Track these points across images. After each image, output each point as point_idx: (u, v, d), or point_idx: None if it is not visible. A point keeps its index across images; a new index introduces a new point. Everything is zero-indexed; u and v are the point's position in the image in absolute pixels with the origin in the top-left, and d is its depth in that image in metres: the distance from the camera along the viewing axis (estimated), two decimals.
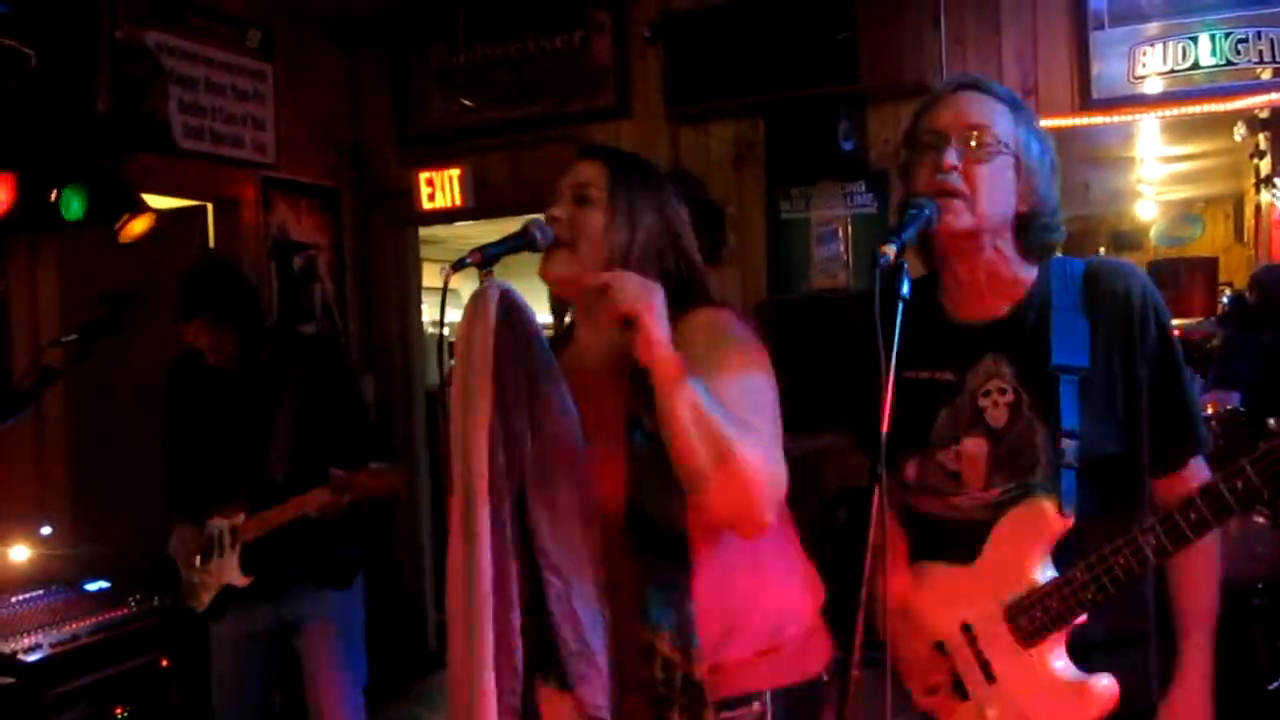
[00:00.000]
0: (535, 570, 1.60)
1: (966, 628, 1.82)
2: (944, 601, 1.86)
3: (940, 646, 1.87)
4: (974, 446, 1.79)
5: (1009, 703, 1.78)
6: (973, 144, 1.73)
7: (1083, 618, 1.70)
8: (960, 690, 1.85)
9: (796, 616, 1.83)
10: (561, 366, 1.78)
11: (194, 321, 3.22)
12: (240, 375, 3.30)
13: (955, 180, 1.72)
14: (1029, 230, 1.79)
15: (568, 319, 1.96)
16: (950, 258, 1.82)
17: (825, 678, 1.83)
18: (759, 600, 1.78)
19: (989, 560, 1.79)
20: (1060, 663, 1.73)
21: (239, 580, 3.20)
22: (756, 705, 1.73)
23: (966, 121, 1.75)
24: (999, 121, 1.76)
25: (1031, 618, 1.73)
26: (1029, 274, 1.82)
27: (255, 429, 3.22)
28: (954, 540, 1.83)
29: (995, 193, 1.74)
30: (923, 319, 1.78)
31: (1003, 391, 1.78)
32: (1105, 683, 1.70)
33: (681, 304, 1.73)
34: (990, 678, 1.80)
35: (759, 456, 1.56)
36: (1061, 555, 1.74)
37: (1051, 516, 1.70)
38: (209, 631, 3.34)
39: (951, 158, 1.72)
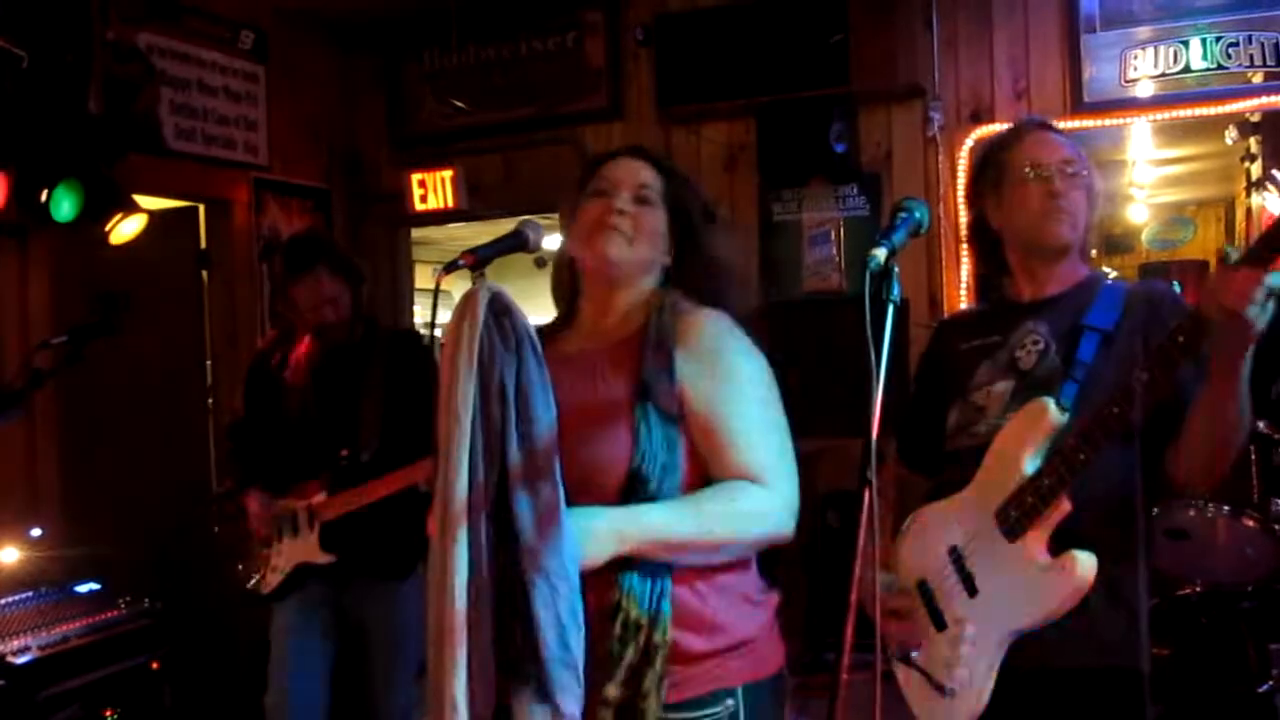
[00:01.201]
0: (519, 573, 1.56)
1: (953, 550, 1.98)
2: (931, 537, 2.03)
3: (922, 585, 2.03)
4: (1002, 385, 2.04)
5: (989, 611, 1.90)
6: (1069, 173, 2.04)
7: (1067, 506, 1.81)
8: (938, 620, 1.98)
9: (757, 614, 1.83)
10: (562, 347, 1.86)
11: (314, 269, 3.21)
12: (325, 361, 3.29)
13: (1064, 203, 2.02)
14: (1087, 238, 2.11)
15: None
16: (1033, 257, 2.09)
17: (786, 673, 1.85)
18: (728, 597, 1.79)
19: (984, 470, 1.96)
20: (1040, 549, 1.84)
21: (321, 558, 3.18)
22: (730, 701, 1.74)
23: (1062, 156, 2.05)
24: (1078, 156, 2.08)
25: (1020, 503, 1.86)
26: (1082, 271, 2.11)
27: (340, 412, 3.21)
28: (971, 466, 1.99)
29: (1085, 212, 2.06)
30: (994, 304, 2.21)
31: (1035, 343, 2.03)
32: (1084, 556, 1.79)
33: (680, 297, 1.87)
34: (972, 592, 1.93)
35: (766, 508, 1.74)
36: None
37: (1050, 410, 1.87)
38: (271, 615, 3.32)
39: (1062, 184, 2.02)
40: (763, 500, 1.73)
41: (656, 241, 1.88)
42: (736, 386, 1.78)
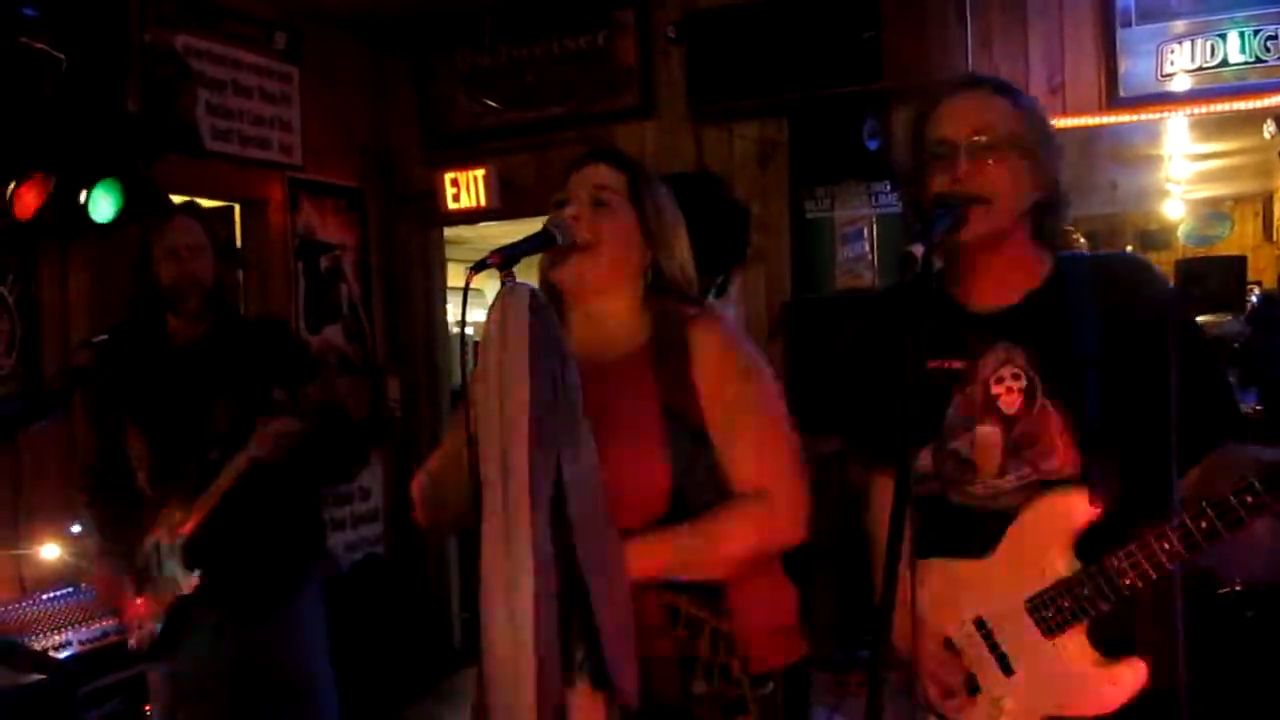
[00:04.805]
0: (574, 565, 1.61)
1: (980, 623, 1.83)
2: (950, 598, 1.86)
3: (949, 644, 1.87)
4: (987, 434, 1.80)
5: (1028, 692, 1.79)
6: (982, 146, 1.73)
7: (1106, 608, 1.70)
8: (972, 685, 1.85)
9: (793, 602, 1.94)
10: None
11: (180, 212, 3.00)
12: (175, 359, 2.96)
13: (973, 186, 1.73)
14: (1044, 216, 1.81)
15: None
16: (973, 250, 1.81)
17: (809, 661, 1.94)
18: (770, 580, 1.90)
19: (1007, 553, 1.80)
20: (1084, 649, 1.74)
21: (188, 585, 2.78)
22: (771, 685, 1.82)
23: (972, 126, 1.75)
24: (1002, 117, 1.76)
25: (1059, 608, 1.73)
26: (1045, 262, 1.84)
27: (189, 418, 2.88)
28: (969, 529, 1.83)
29: (1014, 190, 1.75)
30: (944, 308, 1.83)
31: (1016, 378, 1.79)
32: (1133, 665, 1.71)
33: (678, 302, 1.90)
34: (1008, 670, 1.80)
35: (767, 523, 1.81)
36: (1079, 545, 1.75)
37: (1082, 507, 1.71)
38: (147, 683, 2.97)
39: (964, 166, 1.73)
40: (763, 516, 1.81)
41: (622, 241, 1.88)
42: (746, 399, 1.84)
